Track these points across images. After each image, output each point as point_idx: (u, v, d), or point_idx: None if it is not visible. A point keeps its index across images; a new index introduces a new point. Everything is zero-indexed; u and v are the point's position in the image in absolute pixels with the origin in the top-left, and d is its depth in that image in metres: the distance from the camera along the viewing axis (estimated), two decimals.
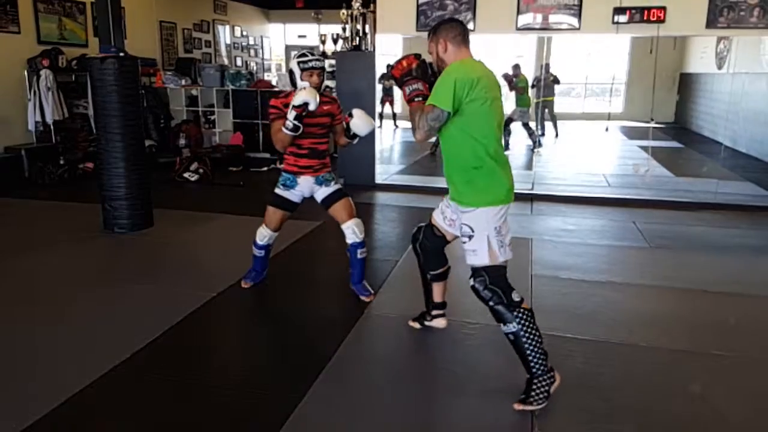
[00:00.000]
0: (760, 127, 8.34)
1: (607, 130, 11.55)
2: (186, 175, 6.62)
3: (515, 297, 2.27)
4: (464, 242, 2.35)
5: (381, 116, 11.01)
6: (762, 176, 7.04)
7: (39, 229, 4.69)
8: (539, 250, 4.26)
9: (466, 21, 5.84)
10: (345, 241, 3.23)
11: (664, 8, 5.47)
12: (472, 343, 2.85)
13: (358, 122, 3.06)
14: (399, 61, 2.39)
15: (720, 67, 9.91)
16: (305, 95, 2.83)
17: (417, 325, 2.95)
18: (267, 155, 8.00)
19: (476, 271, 2.31)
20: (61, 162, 6.57)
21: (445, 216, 2.61)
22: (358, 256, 3.23)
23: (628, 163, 8.56)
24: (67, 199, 5.63)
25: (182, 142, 7.35)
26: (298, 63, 2.98)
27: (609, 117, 12.08)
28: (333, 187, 3.22)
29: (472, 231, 2.30)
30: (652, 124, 9.13)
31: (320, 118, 3.09)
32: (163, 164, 7.02)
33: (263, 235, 3.30)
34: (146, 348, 2.71)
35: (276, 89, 8.33)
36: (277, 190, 3.22)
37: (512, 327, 2.24)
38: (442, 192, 2.53)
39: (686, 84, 12.13)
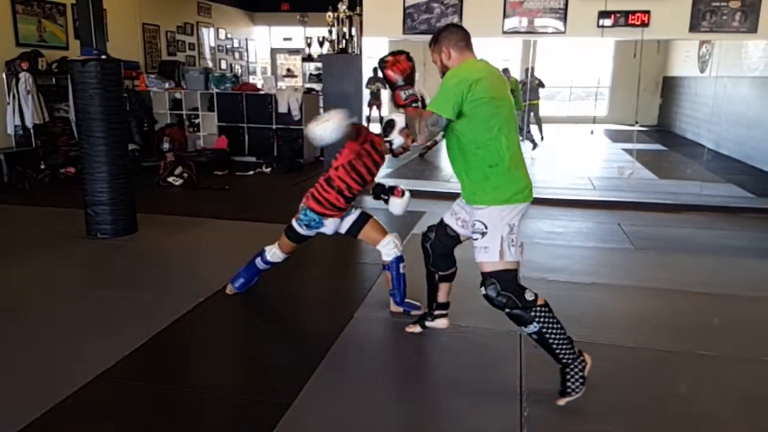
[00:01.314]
0: (742, 130, 8.45)
1: (592, 133, 11.65)
2: (170, 179, 6.54)
3: (528, 296, 2.24)
4: (476, 239, 2.29)
5: (368, 120, 11.00)
6: (744, 178, 7.13)
7: (20, 234, 4.60)
8: (527, 253, 4.16)
9: None
10: (382, 260, 3.07)
11: (648, 12, 5.53)
12: (462, 346, 2.83)
13: (399, 205, 3.03)
14: (396, 63, 2.31)
15: (702, 71, 10.05)
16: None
17: (417, 329, 2.90)
18: (252, 159, 7.94)
19: (486, 279, 2.26)
20: (42, 166, 6.45)
21: (458, 218, 2.58)
22: (401, 270, 3.05)
23: (613, 166, 8.62)
24: (48, 205, 5.52)
25: (166, 146, 7.29)
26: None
27: (594, 120, 12.17)
28: (355, 214, 3.09)
29: (486, 228, 2.25)
30: (637, 128, 9.22)
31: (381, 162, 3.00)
32: (146, 168, 6.93)
33: (278, 256, 3.17)
34: (134, 354, 2.66)
35: (261, 92, 8.28)
36: (298, 228, 3.03)
37: (533, 327, 2.23)
38: (430, 195, 2.53)
39: (669, 87, 12.27)
